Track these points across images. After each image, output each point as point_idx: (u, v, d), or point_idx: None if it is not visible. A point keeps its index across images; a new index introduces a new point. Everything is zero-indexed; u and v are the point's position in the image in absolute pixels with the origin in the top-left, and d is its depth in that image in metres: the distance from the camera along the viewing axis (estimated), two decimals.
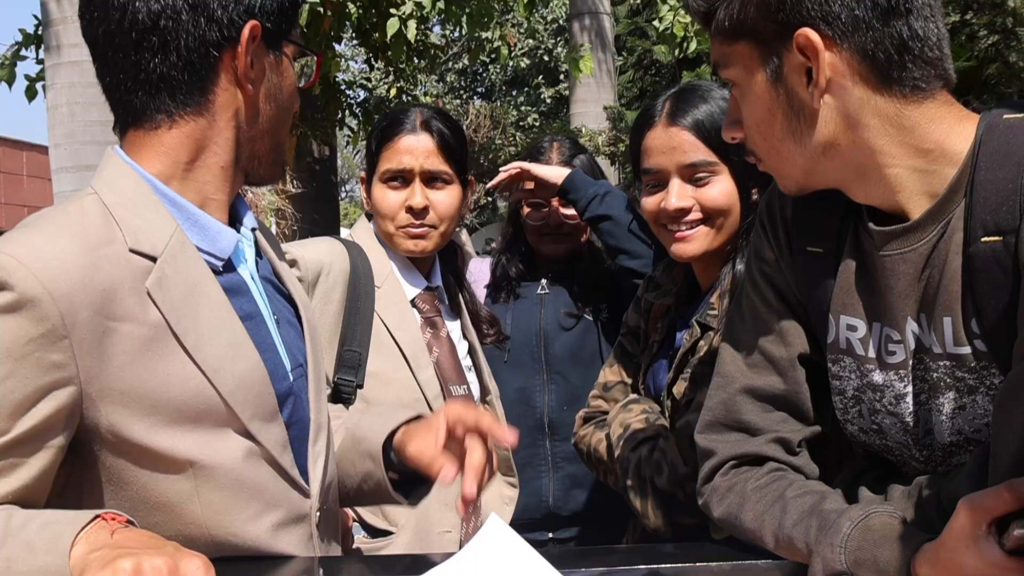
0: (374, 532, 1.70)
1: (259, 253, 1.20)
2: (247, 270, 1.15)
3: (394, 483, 1.27)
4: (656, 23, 7.39)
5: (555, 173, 2.16)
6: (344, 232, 8.11)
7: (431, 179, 1.80)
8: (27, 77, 7.51)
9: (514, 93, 26.10)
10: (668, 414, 1.51)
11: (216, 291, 1.07)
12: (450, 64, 20.44)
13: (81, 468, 1.01)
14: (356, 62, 16.09)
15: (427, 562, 1.01)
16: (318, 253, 1.72)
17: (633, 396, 1.63)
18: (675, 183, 1.45)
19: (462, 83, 25.69)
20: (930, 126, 0.93)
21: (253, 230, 1.18)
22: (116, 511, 0.90)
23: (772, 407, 1.08)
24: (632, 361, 1.69)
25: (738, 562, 1.00)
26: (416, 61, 7.92)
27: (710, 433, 1.10)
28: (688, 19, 7.12)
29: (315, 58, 1.26)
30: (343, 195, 25.00)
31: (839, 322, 1.01)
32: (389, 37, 6.04)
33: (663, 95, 1.52)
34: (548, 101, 24.00)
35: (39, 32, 7.22)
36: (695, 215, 1.45)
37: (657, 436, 1.48)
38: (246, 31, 1.06)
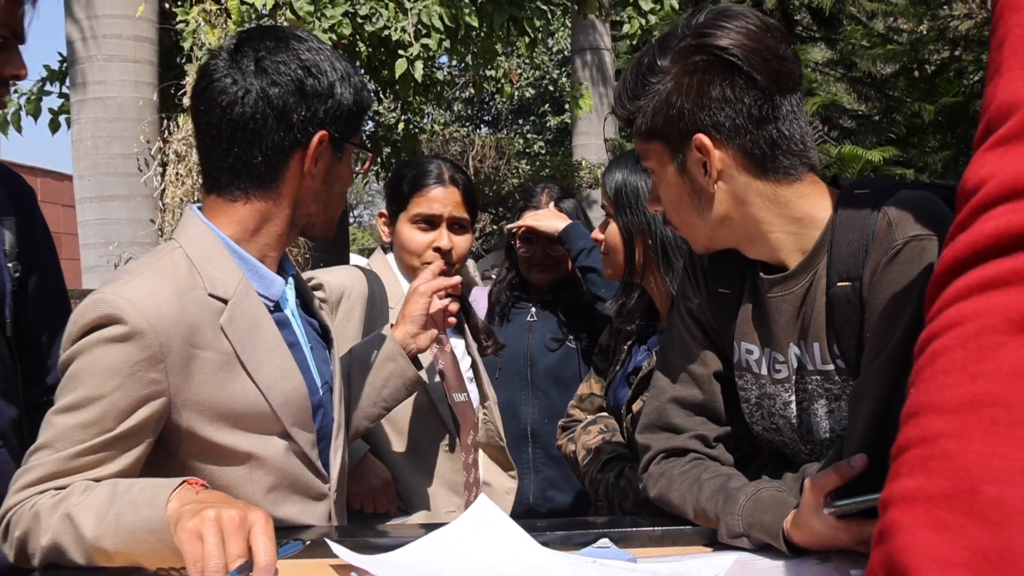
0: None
1: (298, 293, 1.50)
2: (289, 308, 1.45)
3: None
4: None
5: (553, 227, 2.52)
6: (353, 257, 8.43)
7: (453, 224, 2.11)
8: (50, 110, 7.84)
9: (520, 122, 26.34)
10: (627, 426, 1.82)
11: (271, 326, 1.37)
12: (456, 93, 20.82)
13: (164, 458, 1.30)
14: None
15: (422, 532, 1.29)
16: (340, 279, 2.03)
17: (590, 418, 1.95)
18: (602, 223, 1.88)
19: (468, 112, 25.93)
20: (799, 200, 1.22)
21: (293, 276, 1.49)
22: (196, 478, 1.19)
23: (693, 413, 1.37)
24: (602, 377, 2.00)
25: (667, 527, 1.29)
26: (424, 94, 8.27)
27: (646, 433, 1.40)
28: None
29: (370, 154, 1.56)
30: (351, 220, 25.31)
31: (740, 347, 1.32)
32: (397, 76, 6.38)
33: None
34: (553, 129, 24.25)
35: (63, 68, 7.57)
36: (602, 247, 1.90)
37: (617, 457, 1.79)
38: (315, 139, 1.34)
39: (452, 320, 1.83)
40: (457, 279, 1.80)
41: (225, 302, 1.31)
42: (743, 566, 1.17)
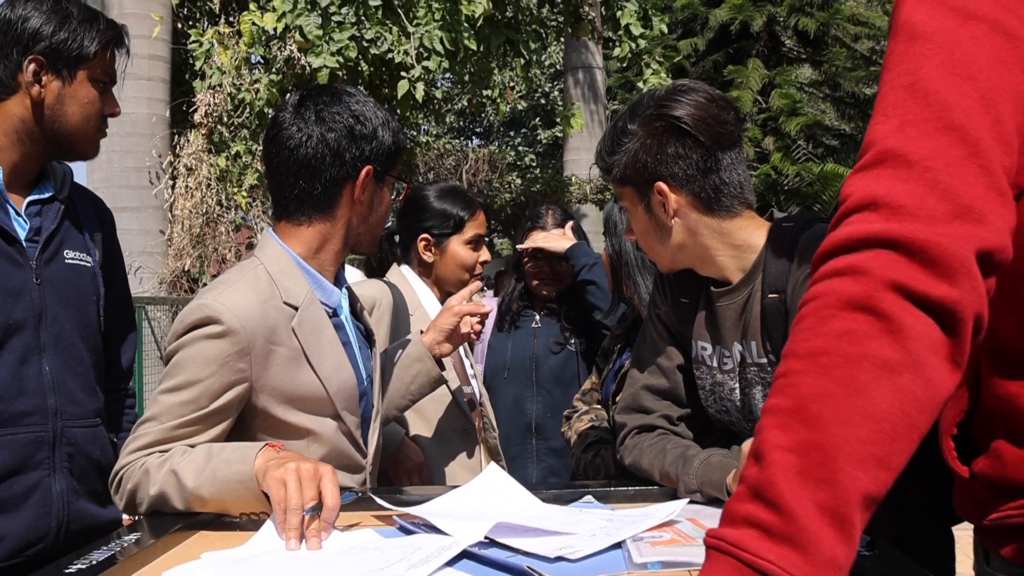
0: None
1: (349, 301, 1.83)
2: (344, 314, 1.77)
3: None
4: (641, 84, 8.10)
5: (560, 246, 2.90)
6: (350, 270, 8.76)
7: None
8: None
9: (511, 134, 26.58)
10: (612, 415, 2.16)
11: (330, 329, 1.68)
12: (450, 105, 21.09)
13: (240, 431, 1.59)
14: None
15: (443, 491, 1.60)
16: (372, 291, 2.35)
17: (585, 408, 2.30)
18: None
19: (460, 124, 26.12)
20: (739, 232, 1.56)
21: (346, 287, 1.82)
22: (275, 441, 1.51)
23: (661, 397, 1.71)
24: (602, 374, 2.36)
25: (639, 488, 1.62)
26: (422, 109, 8.62)
27: (623, 414, 1.74)
28: (669, 81, 7.85)
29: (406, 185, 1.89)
30: None
31: (697, 345, 1.66)
32: (399, 96, 6.73)
33: None
34: (544, 142, 24.52)
35: None
36: None
37: (599, 441, 2.13)
38: (363, 172, 1.66)
39: (474, 337, 2.15)
40: (488, 307, 2.13)
41: (296, 308, 1.62)
42: (696, 514, 1.50)
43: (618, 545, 1.27)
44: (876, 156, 0.82)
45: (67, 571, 1.17)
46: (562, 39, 12.07)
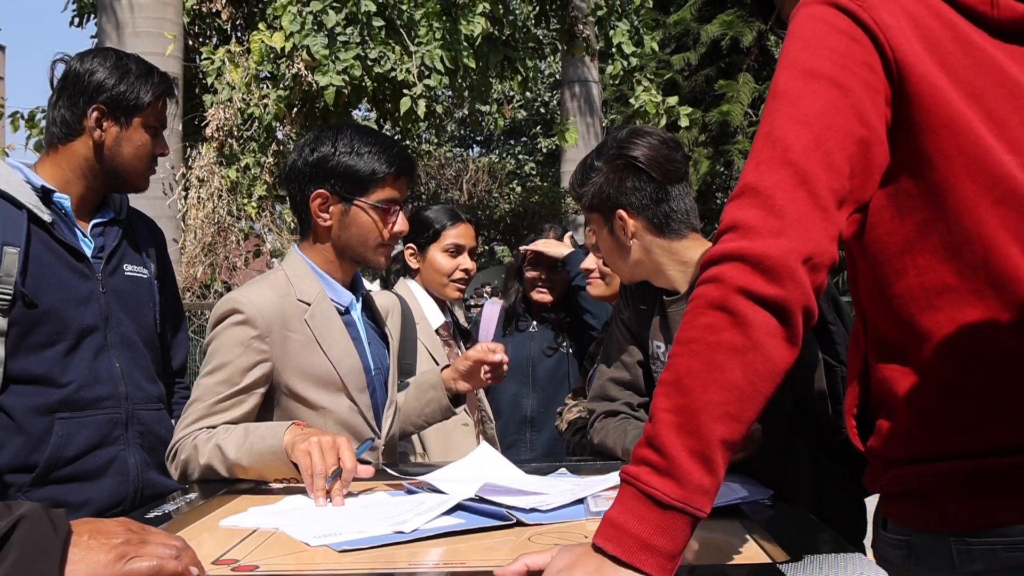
0: None
1: (367, 305, 2.13)
2: (356, 313, 2.08)
3: None
4: (633, 100, 8.42)
5: (559, 252, 3.27)
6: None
7: (470, 252, 2.85)
8: None
9: (512, 142, 26.79)
10: None
11: (338, 322, 1.99)
12: (450, 116, 21.32)
13: (266, 408, 1.88)
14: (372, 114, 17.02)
15: (442, 465, 1.85)
16: (384, 301, 2.63)
17: (574, 402, 2.62)
18: (590, 254, 2.52)
19: (461, 132, 26.30)
20: (686, 251, 1.87)
21: (364, 293, 2.12)
22: (299, 420, 1.81)
23: (624, 388, 2.02)
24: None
25: (605, 463, 1.92)
26: (425, 122, 8.91)
27: (593, 402, 2.05)
28: (659, 98, 8.17)
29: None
30: None
31: (653, 344, 1.98)
32: (402, 112, 7.05)
33: None
34: (544, 151, 24.74)
35: None
36: (596, 274, 2.54)
37: (584, 427, 2.45)
38: (314, 196, 1.93)
39: (487, 383, 2.38)
40: (500, 358, 2.28)
41: (308, 304, 1.93)
42: None
43: (581, 501, 1.58)
44: (739, 190, 1.05)
45: (147, 516, 1.48)
46: (559, 53, 12.37)
